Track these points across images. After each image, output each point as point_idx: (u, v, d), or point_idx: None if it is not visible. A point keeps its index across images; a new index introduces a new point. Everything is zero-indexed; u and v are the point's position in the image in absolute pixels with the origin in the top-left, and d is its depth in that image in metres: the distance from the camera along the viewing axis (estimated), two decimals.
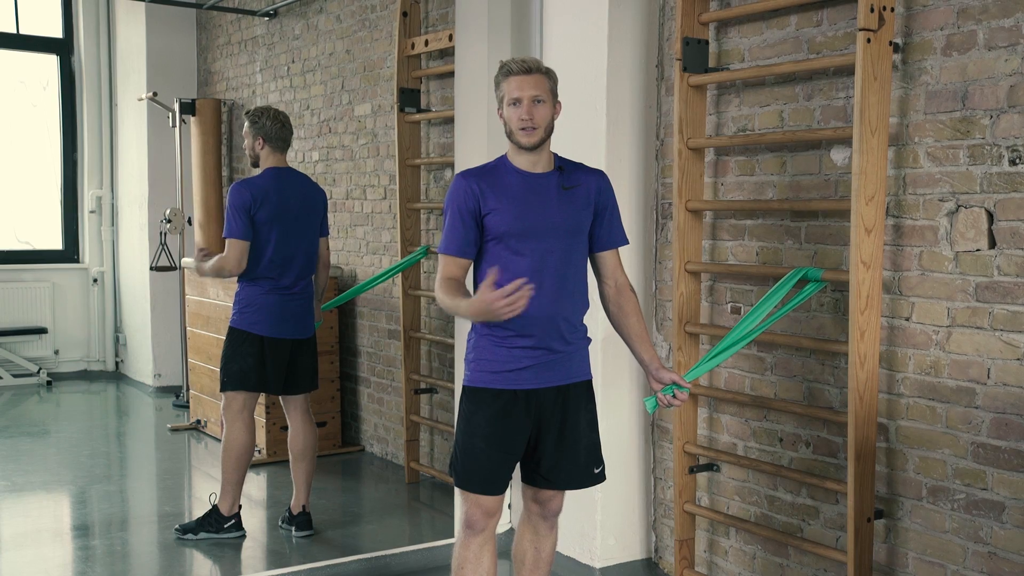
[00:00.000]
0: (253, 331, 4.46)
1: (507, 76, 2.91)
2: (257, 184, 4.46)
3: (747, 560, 3.77)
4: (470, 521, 3.00)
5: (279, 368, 4.53)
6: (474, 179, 2.95)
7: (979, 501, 3.02)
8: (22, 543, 4.71)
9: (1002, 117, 2.91)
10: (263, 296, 4.45)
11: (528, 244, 2.92)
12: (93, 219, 9.04)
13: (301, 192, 4.54)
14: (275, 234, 4.42)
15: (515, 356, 2.93)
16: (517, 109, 2.89)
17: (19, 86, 9.03)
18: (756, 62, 3.64)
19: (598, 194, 3.03)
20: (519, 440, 2.98)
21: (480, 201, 2.91)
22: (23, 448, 6.47)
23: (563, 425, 3.01)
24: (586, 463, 3.09)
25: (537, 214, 2.92)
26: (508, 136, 2.95)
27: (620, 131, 3.99)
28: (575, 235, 2.99)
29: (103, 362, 9.14)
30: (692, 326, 3.80)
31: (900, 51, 3.14)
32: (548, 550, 3.18)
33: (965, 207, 3.01)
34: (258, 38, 7.49)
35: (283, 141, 4.56)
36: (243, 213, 4.37)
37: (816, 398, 3.49)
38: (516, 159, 2.96)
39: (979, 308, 2.99)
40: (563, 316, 2.97)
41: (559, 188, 2.95)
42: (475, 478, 2.97)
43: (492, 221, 2.90)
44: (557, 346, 2.97)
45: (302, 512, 4.69)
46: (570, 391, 3.02)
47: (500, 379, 2.95)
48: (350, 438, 6.39)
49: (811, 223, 3.48)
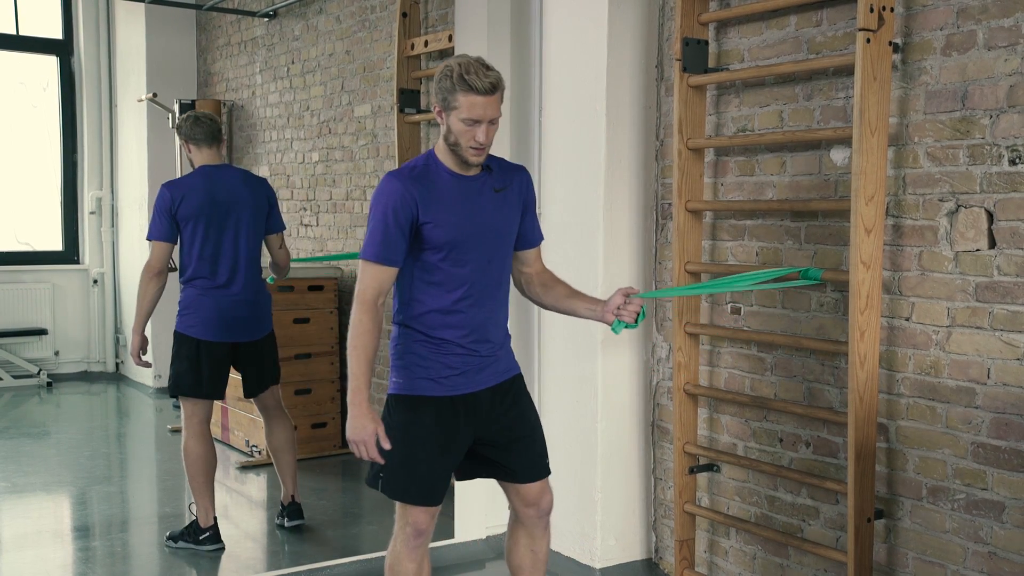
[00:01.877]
0: (189, 334, 4.40)
1: (468, 92, 2.69)
2: (180, 183, 4.43)
3: (747, 560, 3.77)
4: (418, 527, 2.90)
5: (217, 372, 4.43)
6: (411, 183, 2.77)
7: (979, 501, 3.02)
8: (23, 544, 4.71)
9: (1002, 117, 2.91)
10: (199, 297, 4.39)
11: (469, 254, 2.83)
12: (93, 220, 9.05)
13: (232, 188, 4.43)
14: (200, 230, 4.35)
15: (448, 363, 2.85)
16: (472, 129, 2.72)
17: (19, 87, 9.03)
18: (756, 62, 3.64)
19: (524, 191, 2.97)
20: (460, 447, 2.91)
21: (418, 209, 2.75)
22: (23, 449, 6.47)
23: (511, 420, 2.97)
24: (539, 452, 3.04)
25: (476, 223, 2.82)
26: (450, 145, 2.78)
27: (620, 131, 3.99)
28: (509, 239, 2.94)
29: (103, 363, 9.14)
30: (692, 326, 3.80)
31: (900, 51, 3.14)
32: (544, 551, 3.14)
33: (965, 207, 3.01)
34: (258, 39, 7.49)
35: (206, 138, 4.45)
36: (162, 214, 4.34)
37: (816, 398, 3.49)
38: (448, 160, 2.83)
39: (979, 308, 2.99)
40: (493, 320, 2.93)
41: (491, 191, 2.87)
42: (415, 490, 2.87)
43: (432, 232, 2.77)
44: (484, 351, 2.90)
45: (292, 502, 4.73)
46: (503, 387, 2.96)
47: (436, 386, 2.86)
48: None
49: (811, 223, 3.48)
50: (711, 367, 3.87)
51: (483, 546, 4.44)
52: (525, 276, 3.08)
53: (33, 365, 8.65)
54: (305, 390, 6.06)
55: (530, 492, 3.04)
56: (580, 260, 4.05)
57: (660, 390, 4.12)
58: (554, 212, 4.17)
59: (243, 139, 7.79)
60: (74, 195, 9.09)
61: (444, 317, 2.84)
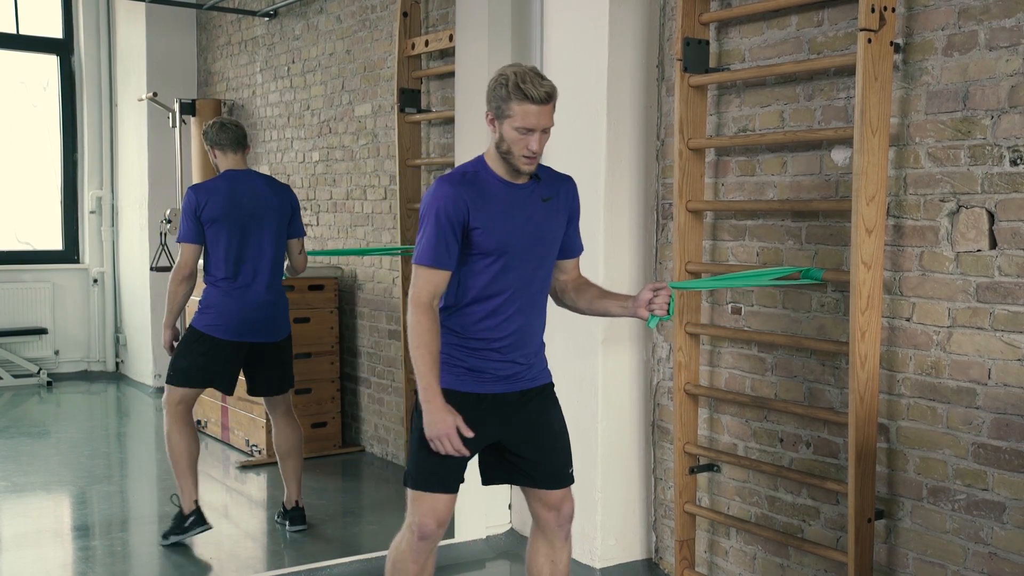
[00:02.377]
0: (208, 332, 4.43)
1: (523, 101, 2.70)
2: (206, 187, 4.49)
3: (747, 560, 3.77)
4: (424, 531, 2.92)
5: (230, 371, 4.50)
6: (463, 188, 2.79)
7: (980, 502, 3.02)
8: (23, 543, 4.70)
9: (1003, 117, 2.90)
10: (221, 298, 4.43)
11: (515, 261, 2.84)
12: (93, 219, 9.04)
13: (255, 192, 4.50)
14: (224, 233, 4.40)
15: (483, 367, 2.88)
16: (525, 137, 2.73)
17: (19, 87, 9.03)
18: (757, 62, 3.64)
19: (571, 201, 2.99)
20: (477, 441, 2.91)
21: (469, 213, 2.77)
22: (23, 448, 6.47)
23: (536, 427, 2.98)
24: (563, 461, 3.05)
25: (525, 231, 2.85)
26: (502, 153, 2.80)
27: (621, 131, 3.99)
28: (554, 248, 2.96)
29: (103, 362, 9.13)
30: (692, 326, 3.80)
31: (901, 51, 3.14)
32: (564, 562, 3.11)
33: (966, 207, 3.01)
34: (258, 38, 7.49)
35: (232, 144, 4.53)
36: (189, 216, 4.40)
37: (817, 398, 3.49)
38: (498, 168, 2.84)
39: (980, 308, 2.99)
40: (531, 328, 2.94)
41: (539, 200, 2.89)
42: (435, 477, 2.90)
43: (481, 237, 2.79)
44: (520, 358, 2.92)
45: (295, 507, 4.74)
46: (532, 393, 2.98)
47: (465, 383, 2.89)
48: (350, 438, 6.39)
49: (812, 223, 3.48)
50: (711, 367, 3.87)
51: (483, 546, 4.44)
52: (561, 284, 3.09)
53: (33, 364, 8.65)
54: (306, 389, 6.05)
55: (551, 497, 3.03)
56: (581, 260, 4.04)
57: (660, 390, 4.12)
58: None
59: None
60: (74, 194, 9.09)
61: (484, 322, 2.86)
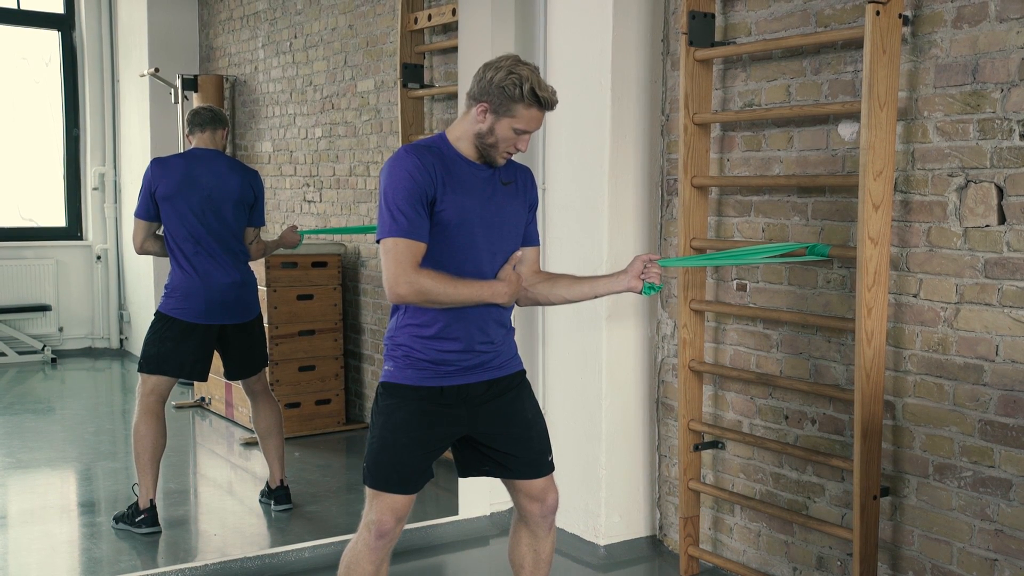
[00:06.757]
0: (174, 316, 4.36)
1: (530, 106, 2.66)
2: (163, 161, 4.43)
3: (752, 537, 3.77)
4: (382, 528, 2.84)
5: (203, 355, 4.43)
6: (429, 158, 2.68)
7: (986, 479, 3.01)
8: (28, 520, 4.71)
9: (1013, 91, 2.87)
10: (184, 280, 4.35)
11: (477, 240, 2.76)
12: (96, 196, 9.02)
13: (216, 172, 4.40)
14: (180, 212, 4.32)
15: (443, 358, 2.78)
16: (518, 138, 2.70)
17: (22, 62, 8.99)
18: (763, 36, 3.60)
19: (530, 190, 2.93)
20: (444, 437, 2.85)
21: (437, 187, 2.67)
22: (28, 425, 6.48)
23: (506, 417, 2.89)
24: (539, 450, 2.96)
25: (486, 209, 2.77)
26: (484, 143, 2.73)
27: (625, 106, 3.96)
28: (516, 233, 2.87)
29: (107, 339, 9.14)
30: (697, 303, 3.78)
31: (909, 24, 3.10)
32: (548, 551, 3.05)
33: (974, 182, 2.98)
34: (260, 13, 7.43)
35: (200, 124, 4.48)
36: (144, 191, 4.37)
37: (822, 375, 3.47)
38: (466, 150, 2.77)
39: (988, 284, 2.96)
40: (494, 316, 2.84)
41: (499, 183, 2.82)
42: (394, 477, 2.81)
43: (445, 213, 2.70)
44: (482, 347, 2.83)
45: (280, 487, 4.70)
46: (502, 383, 2.89)
47: (425, 376, 2.79)
48: (354, 416, 6.39)
49: (818, 199, 3.45)
50: (716, 344, 3.85)
51: (487, 523, 4.44)
52: (526, 277, 2.96)
53: (37, 341, 8.66)
54: (309, 367, 6.05)
55: (532, 488, 2.95)
56: (585, 236, 4.02)
57: (665, 367, 4.11)
58: (558, 188, 4.14)
59: (246, 115, 7.75)
60: (77, 171, 9.07)
61: (444, 311, 2.75)
